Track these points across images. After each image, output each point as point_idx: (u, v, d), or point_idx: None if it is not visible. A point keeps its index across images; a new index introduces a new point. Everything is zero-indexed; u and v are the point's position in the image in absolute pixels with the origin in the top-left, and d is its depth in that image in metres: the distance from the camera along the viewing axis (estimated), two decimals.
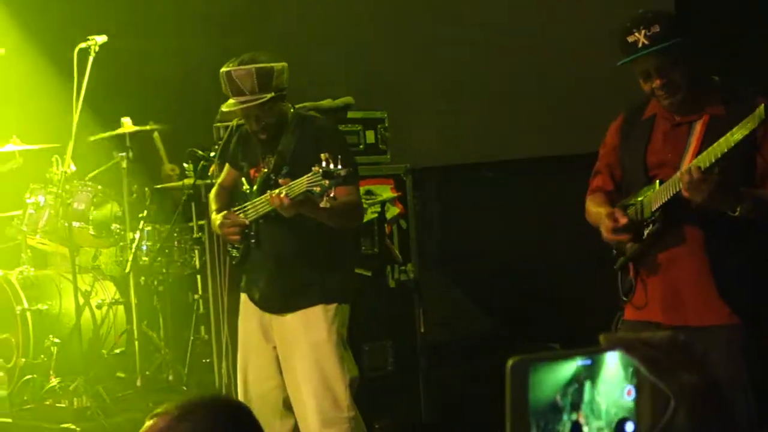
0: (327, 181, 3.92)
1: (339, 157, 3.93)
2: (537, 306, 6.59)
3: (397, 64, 7.21)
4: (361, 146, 5.74)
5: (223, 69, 4.37)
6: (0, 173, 6.58)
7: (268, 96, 4.31)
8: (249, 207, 4.37)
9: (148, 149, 6.30)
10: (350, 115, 5.75)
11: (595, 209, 3.87)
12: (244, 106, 4.34)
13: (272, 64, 4.34)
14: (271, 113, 4.36)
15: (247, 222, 4.40)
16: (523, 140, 6.88)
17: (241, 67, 4.32)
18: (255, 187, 4.41)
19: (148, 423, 2.07)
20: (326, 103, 5.56)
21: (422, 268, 5.96)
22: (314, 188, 3.95)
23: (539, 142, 6.77)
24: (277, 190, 4.11)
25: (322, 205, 4.00)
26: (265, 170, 4.39)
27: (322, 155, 3.92)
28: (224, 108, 4.48)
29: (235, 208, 4.47)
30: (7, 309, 6.00)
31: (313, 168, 3.94)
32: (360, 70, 7.12)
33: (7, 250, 6.63)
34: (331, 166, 3.89)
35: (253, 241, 4.44)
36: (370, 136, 5.82)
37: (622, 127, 3.90)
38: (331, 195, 3.96)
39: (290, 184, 4.07)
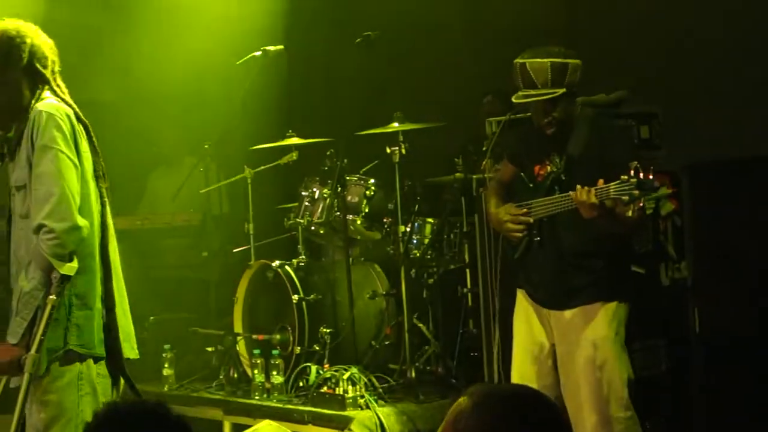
0: (637, 191, 3.89)
1: (651, 167, 3.90)
2: None
3: (672, 59, 7.01)
4: (636, 141, 5.61)
5: (518, 60, 4.37)
6: (277, 167, 6.82)
7: (560, 91, 4.28)
8: (535, 204, 4.36)
9: (419, 143, 6.37)
10: (624, 109, 5.63)
11: None
12: (535, 99, 4.32)
13: (568, 60, 4.31)
14: (560, 109, 4.33)
15: (531, 220, 4.39)
16: None
17: (537, 59, 4.30)
18: (541, 185, 4.39)
19: (459, 401, 2.08)
20: (600, 98, 5.46)
21: (697, 266, 5.75)
22: (623, 196, 3.93)
23: None
24: (586, 188, 4.09)
25: (629, 214, 3.96)
26: (550, 168, 4.36)
27: (631, 164, 3.89)
28: (514, 99, 4.47)
29: (519, 204, 4.46)
30: (284, 299, 6.21)
31: (621, 176, 3.91)
32: (635, 63, 6.95)
33: (283, 242, 6.88)
34: (641, 175, 3.85)
35: (537, 239, 4.42)
36: (645, 131, 5.68)
37: None
38: (641, 205, 3.93)
39: (598, 187, 4.05)
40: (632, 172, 3.90)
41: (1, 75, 3.95)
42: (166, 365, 6.47)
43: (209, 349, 6.61)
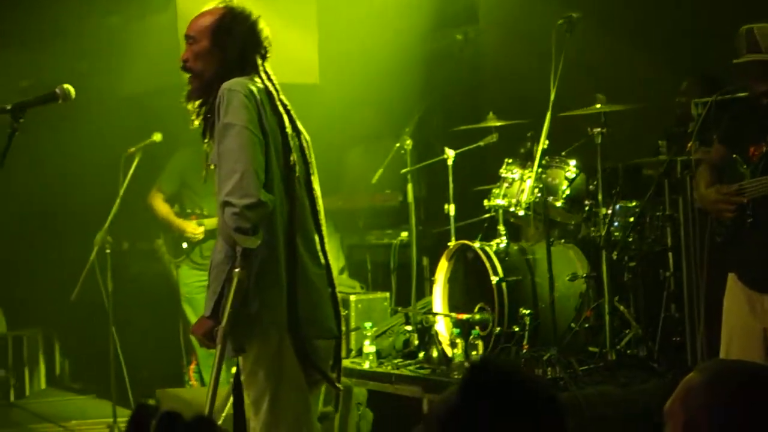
0: None
1: None
2: None
3: None
4: None
5: (746, 27, 4.31)
6: (477, 148, 6.86)
7: None
8: (748, 184, 4.26)
9: (620, 125, 6.29)
10: None
11: None
12: (760, 58, 4.24)
13: None
14: None
15: (744, 200, 4.30)
16: None
17: (766, 25, 4.23)
18: (755, 166, 4.29)
19: (689, 376, 2.07)
20: None
21: None
22: None
23: None
24: None
25: None
26: (766, 148, 4.26)
27: None
28: (735, 61, 4.38)
29: (730, 185, 4.37)
30: (484, 280, 6.25)
31: None
32: None
33: (483, 223, 6.91)
34: None
35: (750, 220, 4.32)
36: None
37: None
38: None
39: None
40: None
41: (219, 49, 4.09)
42: (367, 343, 6.61)
43: (409, 327, 6.73)
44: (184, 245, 7.60)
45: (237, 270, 3.87)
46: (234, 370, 4.16)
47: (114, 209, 7.04)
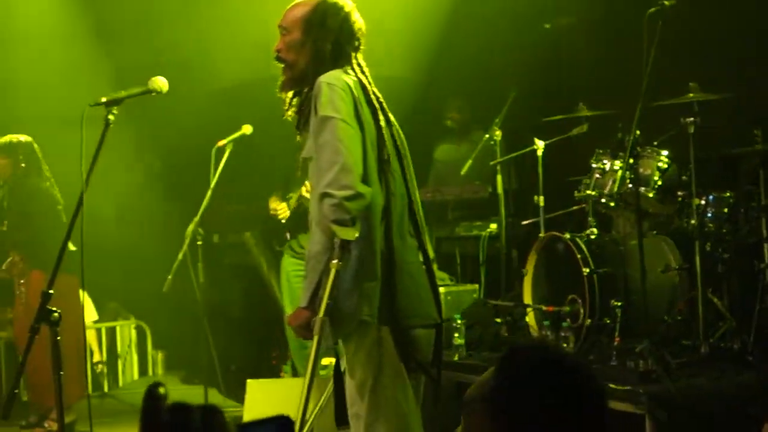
0: None
1: None
2: None
3: None
4: None
5: None
6: (567, 139, 6.81)
7: None
8: None
9: (713, 114, 6.19)
10: None
11: None
12: None
13: None
14: None
15: None
16: None
17: None
18: None
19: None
20: None
21: None
22: None
23: None
24: None
25: None
26: None
27: None
28: None
29: None
30: (574, 271, 6.20)
31: None
32: None
33: (573, 215, 6.86)
34: None
35: None
36: None
37: None
38: None
39: None
40: None
41: (311, 40, 4.12)
42: (456, 335, 6.60)
43: (498, 320, 6.71)
44: (288, 236, 7.61)
45: (334, 261, 3.90)
46: (326, 361, 4.19)
47: (205, 202, 7.12)
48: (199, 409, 1.94)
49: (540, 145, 6.71)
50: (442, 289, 6.93)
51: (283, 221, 7.35)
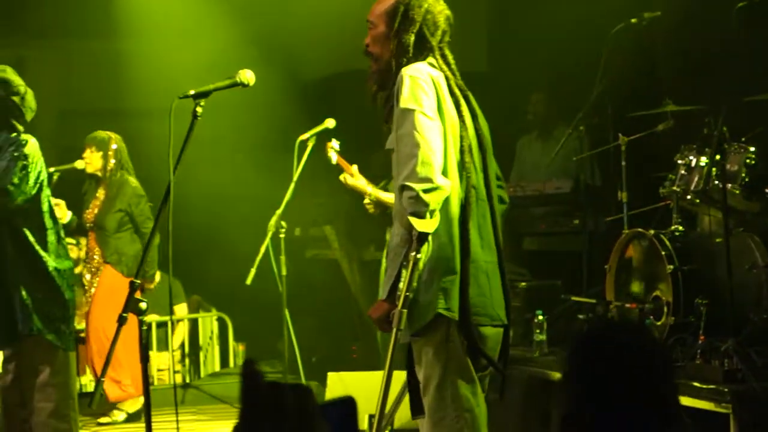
0: None
1: None
2: None
3: None
4: None
5: None
6: (651, 135, 6.73)
7: None
8: None
9: None
10: None
11: None
12: None
13: None
14: None
15: None
16: None
17: None
18: None
19: None
20: None
21: None
22: None
23: None
24: None
25: None
26: None
27: None
28: None
29: None
30: (658, 268, 6.13)
31: None
32: None
33: (657, 211, 6.77)
34: None
35: None
36: None
37: None
38: None
39: None
40: None
41: (395, 34, 4.14)
42: (537, 331, 6.57)
43: (581, 316, 6.66)
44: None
45: (413, 254, 3.91)
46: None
47: (288, 195, 7.16)
48: (292, 387, 2.00)
49: (624, 140, 6.63)
50: (522, 284, 6.96)
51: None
